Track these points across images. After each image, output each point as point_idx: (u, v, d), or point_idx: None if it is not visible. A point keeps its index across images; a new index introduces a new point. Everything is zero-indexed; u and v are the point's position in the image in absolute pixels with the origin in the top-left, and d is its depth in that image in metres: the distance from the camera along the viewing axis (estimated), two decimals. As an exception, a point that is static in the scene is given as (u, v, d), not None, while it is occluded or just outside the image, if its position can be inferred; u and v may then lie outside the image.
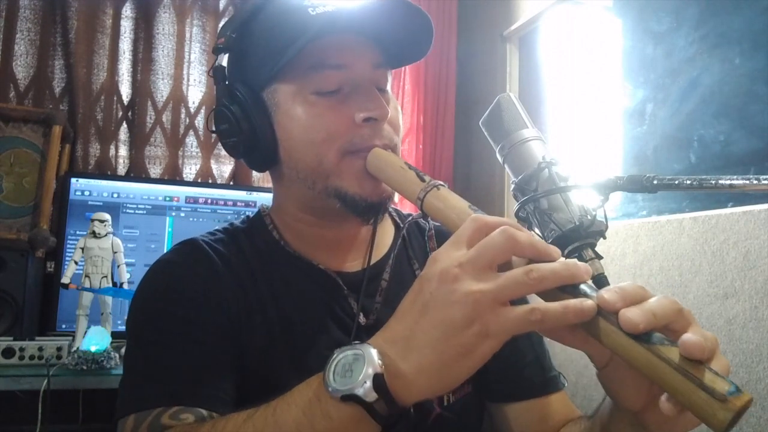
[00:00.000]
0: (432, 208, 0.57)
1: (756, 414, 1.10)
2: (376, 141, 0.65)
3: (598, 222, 0.57)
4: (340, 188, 0.66)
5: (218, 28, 2.15)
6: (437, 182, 0.58)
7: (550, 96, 2.00)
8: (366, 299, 0.72)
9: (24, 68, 1.95)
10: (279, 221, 0.75)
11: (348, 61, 0.65)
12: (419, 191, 0.58)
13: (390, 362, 0.44)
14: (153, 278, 0.69)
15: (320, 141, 0.65)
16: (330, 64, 0.65)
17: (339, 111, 0.65)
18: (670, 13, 1.47)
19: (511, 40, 2.10)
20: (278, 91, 0.67)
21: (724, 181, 0.52)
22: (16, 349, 1.44)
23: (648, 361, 0.40)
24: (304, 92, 0.65)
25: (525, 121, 0.65)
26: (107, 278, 1.59)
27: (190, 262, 0.69)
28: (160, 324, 0.65)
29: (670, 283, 1.31)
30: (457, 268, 0.43)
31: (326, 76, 0.65)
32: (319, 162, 0.66)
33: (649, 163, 1.51)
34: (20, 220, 1.78)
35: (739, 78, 1.28)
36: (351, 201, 0.66)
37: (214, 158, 2.14)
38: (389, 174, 0.62)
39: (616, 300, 0.42)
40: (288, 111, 0.66)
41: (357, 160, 0.65)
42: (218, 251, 0.70)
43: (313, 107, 0.65)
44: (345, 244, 0.75)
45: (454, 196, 0.56)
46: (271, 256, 0.72)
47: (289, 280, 0.71)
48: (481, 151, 2.16)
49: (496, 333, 0.42)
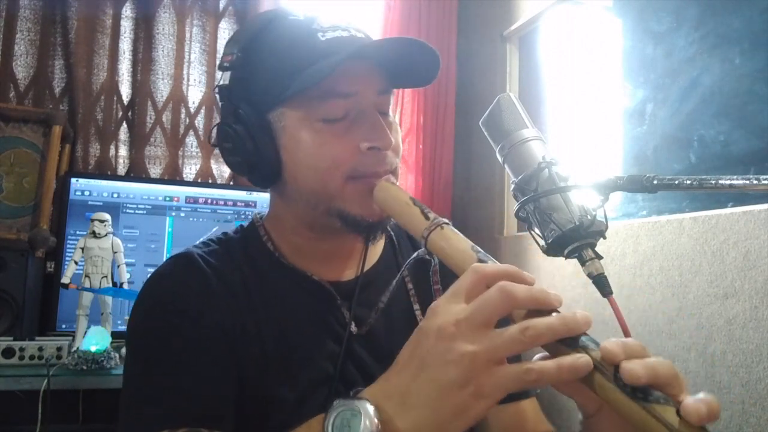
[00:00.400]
0: (436, 246, 0.58)
1: (756, 414, 1.10)
2: (379, 168, 0.67)
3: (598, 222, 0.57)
4: (342, 210, 0.68)
5: (218, 28, 2.16)
6: (441, 220, 0.59)
7: (550, 96, 2.00)
8: (358, 309, 0.73)
9: (24, 68, 1.95)
10: (274, 233, 0.76)
11: (356, 89, 0.66)
12: (423, 229, 0.59)
13: (387, 419, 0.46)
14: (150, 294, 0.69)
15: (325, 168, 0.66)
16: (339, 92, 0.66)
17: (344, 139, 0.66)
18: (670, 13, 1.48)
19: (511, 40, 2.10)
20: (285, 115, 0.67)
21: (724, 181, 0.52)
22: (16, 349, 1.44)
23: (644, 419, 0.41)
24: (311, 119, 0.66)
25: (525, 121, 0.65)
26: (107, 278, 1.59)
27: (184, 276, 0.68)
28: (159, 342, 0.65)
29: (670, 283, 1.31)
30: (454, 326, 0.45)
31: (334, 104, 0.66)
32: (323, 186, 0.67)
33: (649, 163, 1.51)
34: (20, 220, 1.78)
35: (739, 78, 1.28)
36: (352, 221, 0.68)
37: (214, 158, 2.14)
38: (395, 209, 0.63)
39: (618, 352, 0.42)
40: (294, 135, 0.67)
41: (360, 185, 0.67)
42: (211, 264, 0.70)
43: (320, 134, 0.66)
44: (340, 256, 0.76)
45: (458, 236, 0.58)
46: (265, 268, 0.73)
47: (282, 291, 0.71)
48: (481, 151, 2.16)
49: (490, 393, 0.43)
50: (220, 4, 2.17)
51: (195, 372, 0.62)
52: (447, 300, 0.47)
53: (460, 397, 0.43)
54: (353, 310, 0.72)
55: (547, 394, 1.70)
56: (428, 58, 0.68)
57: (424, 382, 0.45)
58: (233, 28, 2.20)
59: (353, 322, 0.72)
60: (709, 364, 1.20)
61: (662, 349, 1.31)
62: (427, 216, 0.59)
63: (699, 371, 1.22)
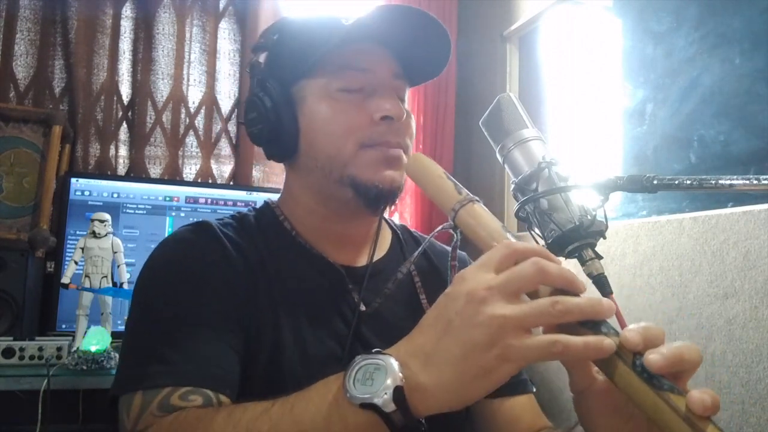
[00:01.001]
0: (463, 222, 0.58)
1: (756, 414, 1.10)
2: (392, 138, 0.71)
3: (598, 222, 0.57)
4: (354, 176, 0.70)
5: (218, 28, 2.16)
6: (473, 197, 0.59)
7: (550, 96, 2.00)
8: (367, 294, 0.75)
9: (24, 68, 1.95)
10: (289, 213, 0.78)
11: (372, 66, 0.72)
12: (454, 203, 0.58)
13: (410, 375, 0.46)
14: (165, 253, 0.71)
15: (340, 133, 0.70)
16: (356, 66, 0.71)
17: (360, 108, 0.71)
18: (670, 13, 1.48)
19: (511, 40, 2.10)
20: (306, 86, 0.73)
21: (724, 181, 0.52)
22: (16, 349, 1.44)
23: (656, 406, 0.42)
24: (330, 89, 0.71)
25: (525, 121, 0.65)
26: (107, 278, 1.59)
27: (202, 242, 0.70)
28: (170, 301, 0.65)
29: (670, 283, 1.31)
30: (485, 291, 0.45)
31: (351, 76, 0.71)
32: (337, 152, 0.71)
33: (649, 163, 1.51)
34: (20, 220, 1.78)
35: (739, 78, 1.28)
36: (363, 188, 0.70)
37: (214, 158, 2.14)
38: (427, 180, 0.63)
39: (638, 341, 0.43)
40: (313, 105, 0.72)
41: (372, 151, 0.71)
42: (228, 236, 0.72)
43: (337, 103, 0.71)
44: (353, 240, 0.79)
45: (488, 214, 0.58)
46: (281, 246, 0.75)
47: (297, 269, 0.73)
48: (481, 151, 2.16)
49: (516, 358, 0.43)
50: (220, 4, 2.17)
51: (203, 334, 0.63)
52: (477, 269, 0.47)
53: (485, 358, 0.43)
54: (362, 295, 0.74)
55: (547, 393, 1.70)
56: (439, 39, 0.72)
57: (450, 341, 0.45)
58: (233, 28, 2.20)
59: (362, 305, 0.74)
60: (709, 364, 1.20)
61: (662, 349, 1.31)
62: (460, 191, 0.59)
63: (699, 371, 1.21)
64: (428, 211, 2.11)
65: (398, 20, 0.70)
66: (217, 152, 2.14)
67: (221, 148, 2.15)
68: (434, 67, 0.77)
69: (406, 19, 0.70)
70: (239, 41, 2.20)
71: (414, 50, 0.74)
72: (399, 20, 0.70)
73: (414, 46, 0.73)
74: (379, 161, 0.70)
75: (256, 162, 2.14)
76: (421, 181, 0.64)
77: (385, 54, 0.74)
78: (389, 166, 0.71)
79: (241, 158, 2.14)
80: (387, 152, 0.71)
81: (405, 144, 0.73)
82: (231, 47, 2.19)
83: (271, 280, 0.71)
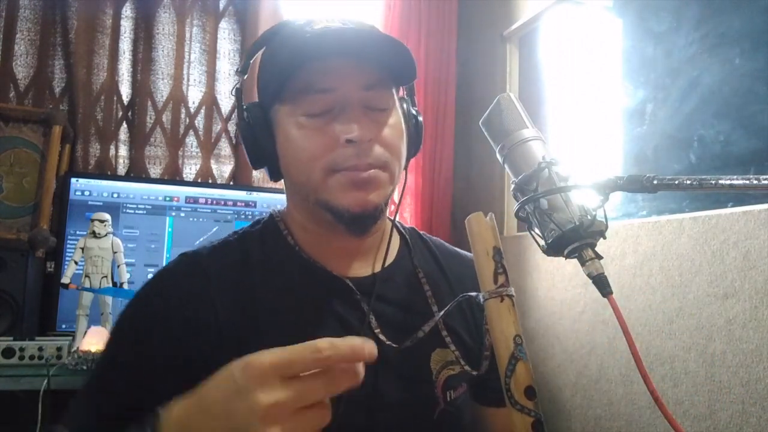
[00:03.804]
0: (488, 311, 0.61)
1: (756, 414, 1.10)
2: (358, 161, 0.67)
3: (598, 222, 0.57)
4: (327, 201, 0.69)
5: (218, 28, 2.16)
6: (505, 291, 0.60)
7: (550, 96, 2.00)
8: (376, 304, 0.74)
9: (24, 68, 1.95)
10: (292, 227, 0.78)
11: (334, 84, 0.68)
12: (485, 291, 0.61)
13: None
14: (143, 288, 0.73)
15: (306, 160, 0.69)
16: (317, 88, 0.68)
17: (324, 132, 0.68)
18: (670, 13, 1.48)
19: (511, 40, 2.10)
20: (278, 111, 0.71)
21: (724, 181, 0.52)
22: (16, 349, 1.44)
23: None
24: (296, 114, 0.69)
25: (525, 121, 0.65)
26: (107, 278, 1.59)
27: (178, 280, 0.71)
28: (120, 353, 0.69)
29: (670, 283, 1.31)
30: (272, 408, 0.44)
31: (314, 100, 0.68)
32: (307, 179, 0.70)
33: (649, 163, 1.51)
34: (20, 220, 1.78)
35: (739, 78, 1.28)
36: (337, 213, 0.69)
37: (214, 158, 2.14)
38: (475, 250, 0.64)
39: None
40: (284, 130, 0.71)
41: (339, 176, 0.68)
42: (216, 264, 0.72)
43: (302, 129, 0.69)
44: (354, 253, 0.77)
45: (510, 317, 0.59)
46: (283, 261, 0.74)
47: (301, 285, 0.73)
48: (481, 151, 2.16)
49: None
50: (220, 4, 2.17)
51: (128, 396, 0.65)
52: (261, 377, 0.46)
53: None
54: (372, 305, 0.73)
55: (546, 393, 1.70)
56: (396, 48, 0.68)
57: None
58: (233, 28, 2.20)
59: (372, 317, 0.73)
60: (709, 364, 1.20)
61: (662, 349, 1.31)
62: (496, 279, 0.60)
63: (699, 371, 1.22)
64: (428, 211, 2.11)
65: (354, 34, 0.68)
66: (217, 152, 2.14)
67: (221, 148, 2.15)
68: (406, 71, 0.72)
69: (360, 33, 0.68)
70: (239, 41, 2.20)
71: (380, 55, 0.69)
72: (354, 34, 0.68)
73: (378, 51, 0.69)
74: (348, 185, 0.68)
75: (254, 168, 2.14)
76: (472, 246, 0.64)
77: (351, 66, 0.68)
78: (360, 189, 0.68)
79: (241, 158, 2.14)
80: (355, 176, 0.67)
81: (380, 162, 0.69)
82: (231, 47, 2.19)
83: (272, 298, 0.70)
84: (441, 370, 0.75)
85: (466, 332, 0.80)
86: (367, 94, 0.69)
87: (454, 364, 0.76)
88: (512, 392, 0.58)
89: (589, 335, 1.53)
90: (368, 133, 0.68)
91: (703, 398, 1.21)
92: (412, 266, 0.81)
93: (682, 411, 1.24)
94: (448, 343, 0.76)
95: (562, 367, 1.63)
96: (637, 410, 1.37)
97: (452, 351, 0.76)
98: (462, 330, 0.80)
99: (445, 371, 0.75)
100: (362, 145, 0.67)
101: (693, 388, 1.23)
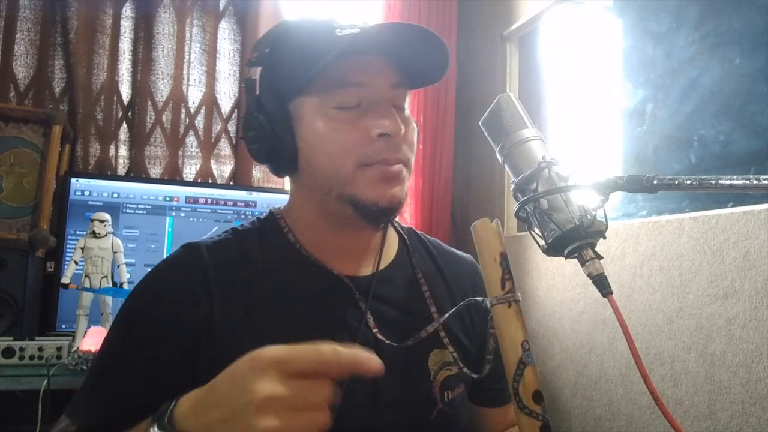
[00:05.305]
0: (494, 316, 0.61)
1: (756, 414, 1.10)
2: (389, 155, 0.69)
3: (598, 222, 0.57)
4: (354, 195, 0.69)
5: (218, 28, 2.16)
6: (513, 297, 0.60)
7: (550, 96, 2.00)
8: (375, 304, 0.75)
9: (24, 68, 1.95)
10: (293, 224, 0.77)
11: (368, 79, 0.69)
12: (493, 297, 0.61)
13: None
14: (144, 279, 0.73)
15: (337, 153, 0.69)
16: (351, 81, 0.69)
17: (356, 126, 0.69)
18: (670, 13, 1.48)
19: (511, 40, 2.10)
20: (303, 104, 0.71)
21: (724, 181, 0.52)
22: (16, 349, 1.44)
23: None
24: (325, 106, 0.69)
25: (525, 121, 0.65)
26: (107, 278, 1.59)
27: (179, 271, 0.72)
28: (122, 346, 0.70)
29: (670, 283, 1.31)
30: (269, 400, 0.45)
31: (347, 93, 0.69)
32: (335, 172, 0.70)
33: (649, 163, 1.51)
34: (20, 220, 1.78)
35: (739, 78, 1.28)
36: (363, 207, 0.70)
37: (214, 158, 2.14)
38: (482, 255, 0.64)
39: None
40: (310, 123, 0.70)
41: (371, 170, 0.69)
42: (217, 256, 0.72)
43: (333, 121, 0.69)
44: (357, 251, 0.78)
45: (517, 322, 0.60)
46: (282, 259, 0.74)
47: (300, 283, 0.73)
48: (481, 151, 2.16)
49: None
50: (220, 4, 2.17)
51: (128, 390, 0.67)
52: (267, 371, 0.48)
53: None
54: (369, 305, 0.74)
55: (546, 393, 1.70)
56: (436, 48, 0.70)
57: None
58: (233, 28, 2.20)
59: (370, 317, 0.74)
60: (709, 364, 1.20)
61: (662, 349, 1.31)
62: (504, 284, 0.60)
63: (699, 371, 1.22)
64: (428, 211, 2.11)
65: (395, 33, 0.68)
66: (217, 152, 2.14)
67: (221, 148, 2.16)
68: (434, 74, 0.75)
69: (403, 31, 0.68)
70: (239, 41, 2.20)
71: (412, 56, 0.71)
72: (396, 33, 0.68)
73: (411, 52, 0.71)
74: (378, 180, 0.69)
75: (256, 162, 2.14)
76: (479, 253, 0.65)
77: (383, 64, 0.71)
78: (389, 183, 0.70)
79: (241, 158, 2.14)
80: (386, 170, 0.69)
81: (405, 158, 0.72)
82: (231, 47, 2.19)
83: (268, 296, 0.70)
84: (439, 370, 0.75)
85: (463, 334, 0.80)
86: (394, 92, 0.72)
87: (452, 364, 0.76)
88: (521, 397, 0.58)
89: (589, 335, 1.53)
90: (399, 128, 0.69)
91: (703, 398, 1.21)
92: (411, 266, 0.82)
93: (682, 411, 1.24)
94: (446, 344, 0.76)
95: (562, 367, 1.63)
96: (637, 410, 1.37)
97: (450, 352, 0.76)
98: (460, 332, 0.80)
99: (443, 372, 0.76)
100: (393, 140, 0.69)
101: (693, 388, 1.23)
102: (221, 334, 0.67)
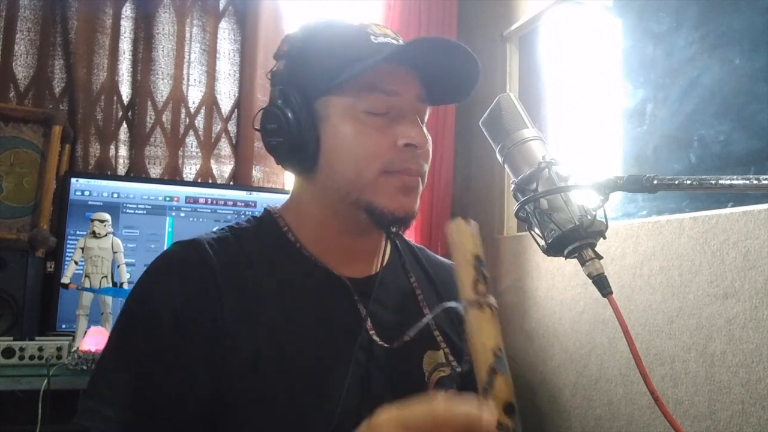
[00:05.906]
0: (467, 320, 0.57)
1: (756, 414, 1.10)
2: (412, 165, 0.70)
3: (598, 222, 0.57)
4: (371, 202, 0.70)
5: (218, 28, 2.16)
6: (486, 301, 0.57)
7: (550, 96, 2.00)
8: (373, 305, 0.74)
9: (24, 68, 1.95)
10: (295, 224, 0.76)
11: (399, 89, 0.70)
12: (466, 300, 0.57)
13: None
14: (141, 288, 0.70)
15: (363, 156, 0.69)
16: (383, 89, 0.69)
17: (384, 133, 0.69)
18: (670, 13, 1.48)
19: (511, 40, 2.10)
20: (330, 103, 0.70)
21: (724, 181, 0.52)
22: (16, 349, 1.44)
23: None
24: (355, 109, 0.69)
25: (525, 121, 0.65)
26: (107, 278, 1.59)
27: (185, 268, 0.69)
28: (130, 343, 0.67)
29: (670, 283, 1.31)
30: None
31: (379, 99, 0.69)
32: (358, 175, 0.69)
33: (649, 163, 1.51)
34: (20, 220, 1.78)
35: (739, 78, 1.28)
36: (379, 215, 0.70)
37: (214, 158, 2.14)
38: (455, 257, 0.61)
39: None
40: (336, 124, 0.70)
41: (392, 179, 0.70)
42: (219, 254, 0.70)
43: (362, 125, 0.69)
44: (360, 254, 0.78)
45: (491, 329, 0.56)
46: (281, 258, 0.73)
47: (300, 282, 0.72)
48: (481, 151, 2.16)
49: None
50: (220, 4, 2.17)
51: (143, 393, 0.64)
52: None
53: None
54: (369, 307, 0.74)
55: (546, 393, 1.70)
56: (468, 68, 0.71)
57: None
58: (233, 28, 2.20)
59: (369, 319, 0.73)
60: (709, 364, 1.20)
61: (662, 349, 1.31)
62: (477, 288, 0.57)
63: (699, 371, 1.22)
64: (428, 211, 2.11)
65: (435, 50, 0.69)
66: (217, 152, 2.14)
67: (221, 148, 2.15)
68: (459, 94, 0.75)
69: (443, 48, 0.69)
70: (239, 41, 2.20)
71: (442, 77, 0.72)
72: (435, 50, 0.69)
73: (443, 73, 0.72)
74: (398, 189, 0.70)
75: (256, 162, 2.14)
76: (453, 254, 0.62)
77: (413, 76, 0.72)
78: (406, 194, 0.71)
79: (241, 158, 2.14)
80: (406, 180, 0.70)
81: (423, 171, 0.73)
82: (231, 47, 2.19)
83: (270, 294, 0.70)
84: (433, 371, 0.76)
85: (456, 335, 0.81)
86: (419, 106, 0.73)
87: (446, 366, 0.77)
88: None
89: (589, 335, 1.53)
90: (424, 140, 0.70)
91: (703, 398, 1.21)
92: (404, 270, 0.82)
93: (682, 411, 1.24)
94: (440, 342, 0.77)
95: (562, 367, 1.63)
96: (637, 410, 1.37)
97: (443, 347, 0.77)
98: (451, 331, 0.80)
99: (437, 373, 0.76)
100: (417, 151, 0.70)
101: (693, 388, 1.23)
102: (225, 334, 0.66)
